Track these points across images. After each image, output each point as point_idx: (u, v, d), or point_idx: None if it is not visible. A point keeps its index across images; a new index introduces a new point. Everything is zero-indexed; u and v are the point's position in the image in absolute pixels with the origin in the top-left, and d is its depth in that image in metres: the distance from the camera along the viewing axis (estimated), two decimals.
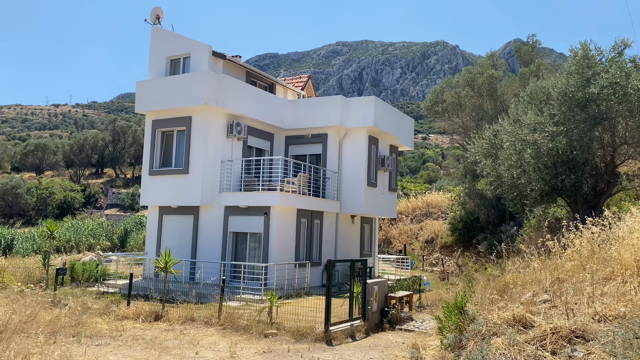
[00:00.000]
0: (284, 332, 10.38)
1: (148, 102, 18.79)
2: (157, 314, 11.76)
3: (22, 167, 72.33)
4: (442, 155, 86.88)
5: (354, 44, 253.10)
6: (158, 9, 19.84)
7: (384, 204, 21.82)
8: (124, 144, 68.10)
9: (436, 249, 29.51)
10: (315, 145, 20.70)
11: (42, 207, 52.89)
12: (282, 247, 17.28)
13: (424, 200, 35.27)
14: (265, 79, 21.32)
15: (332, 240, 20.18)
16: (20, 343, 5.24)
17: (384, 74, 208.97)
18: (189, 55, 18.86)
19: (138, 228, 33.02)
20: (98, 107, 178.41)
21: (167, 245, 17.47)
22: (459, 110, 25.76)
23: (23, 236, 31.01)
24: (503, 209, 23.68)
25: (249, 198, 17.50)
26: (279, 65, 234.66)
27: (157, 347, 9.21)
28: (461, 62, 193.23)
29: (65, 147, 70.01)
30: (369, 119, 19.75)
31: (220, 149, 18.26)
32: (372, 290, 11.68)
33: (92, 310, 12.28)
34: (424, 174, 69.97)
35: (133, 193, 55.61)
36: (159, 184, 18.70)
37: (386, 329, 11.64)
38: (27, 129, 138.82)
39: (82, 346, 8.95)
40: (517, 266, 9.74)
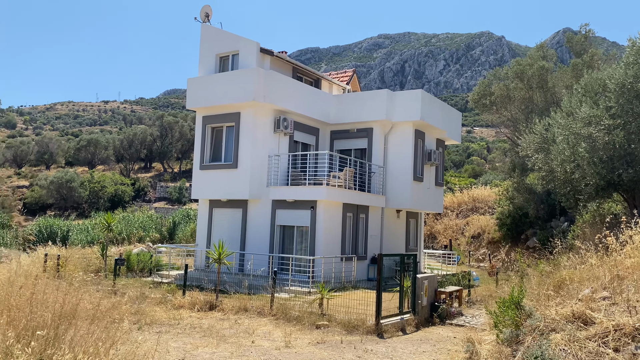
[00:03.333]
0: (335, 324, 10.56)
1: (198, 99, 19.29)
2: (211, 304, 12.16)
3: (76, 161, 75.41)
4: (487, 149, 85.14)
5: (396, 36, 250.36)
6: (207, 7, 20.30)
7: (430, 198, 21.67)
8: (171, 139, 69.95)
9: (483, 245, 29.07)
10: (360, 140, 20.75)
11: (95, 200, 55.08)
12: (329, 241, 17.46)
13: (470, 194, 34.75)
14: (311, 74, 21.50)
15: (378, 235, 20.22)
16: (107, 327, 5.60)
17: (427, 66, 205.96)
18: (237, 52, 19.23)
19: (185, 221, 33.92)
20: (145, 103, 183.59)
21: (216, 238, 17.96)
22: (508, 102, 25.22)
23: (77, 228, 32.43)
24: (553, 203, 23.12)
25: (296, 192, 17.75)
26: (320, 60, 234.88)
27: (214, 335, 9.57)
28: (507, 54, 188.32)
29: (115, 142, 72.55)
30: (415, 112, 19.63)
31: (268, 144, 18.57)
32: (422, 284, 11.71)
33: (149, 299, 12.81)
34: (468, 168, 68.83)
35: (180, 187, 57.17)
36: (209, 178, 19.21)
37: (436, 323, 11.65)
38: (79, 124, 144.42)
39: (144, 333, 9.39)
40: (573, 262, 9.55)
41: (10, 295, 5.97)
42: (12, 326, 4.72)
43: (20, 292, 5.94)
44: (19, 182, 67.05)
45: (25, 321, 4.88)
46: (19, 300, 5.23)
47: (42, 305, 5.29)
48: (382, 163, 20.22)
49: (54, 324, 4.93)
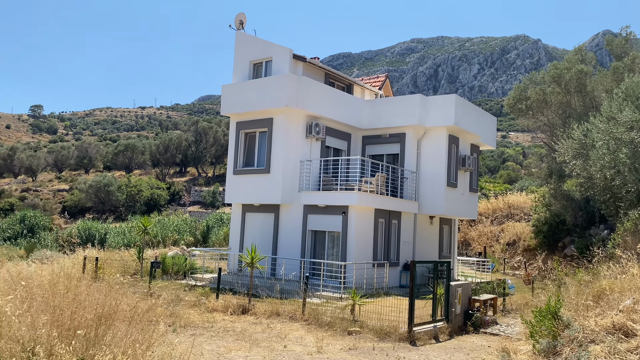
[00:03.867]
0: (367, 331, 10.52)
1: (232, 105, 19.58)
2: (244, 308, 12.29)
3: (113, 166, 77.46)
4: (523, 154, 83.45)
5: (429, 40, 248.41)
6: (242, 15, 20.61)
7: (464, 204, 21.37)
8: (206, 144, 71.08)
9: (518, 252, 28.44)
10: (392, 145, 20.65)
11: (131, 203, 56.39)
12: (360, 247, 17.41)
13: (505, 201, 34.07)
14: (343, 80, 21.54)
15: (410, 241, 20.05)
16: (144, 330, 5.75)
17: (461, 71, 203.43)
18: (270, 59, 19.44)
19: (219, 224, 34.35)
20: (181, 109, 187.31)
21: (249, 242, 18.15)
22: (544, 107, 24.67)
23: (114, 231, 33.27)
24: (592, 211, 22.46)
25: (327, 197, 17.78)
26: (352, 65, 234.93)
27: (247, 339, 9.66)
28: (544, 57, 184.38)
29: (152, 147, 74.20)
30: (449, 117, 19.43)
31: (300, 149, 18.68)
32: (456, 292, 11.55)
33: (183, 302, 13.03)
34: (503, 173, 67.57)
35: (214, 191, 57.98)
36: (242, 182, 19.44)
37: (470, 332, 11.47)
38: (116, 130, 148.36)
39: (179, 336, 9.56)
40: (613, 272, 9.27)
41: (54, 296, 6.19)
42: (55, 326, 4.90)
43: (63, 294, 6.15)
44: (60, 185, 69.28)
45: (68, 321, 5.06)
46: (62, 301, 5.42)
47: (83, 306, 5.47)
48: (415, 168, 20.06)
49: (94, 325, 5.10)
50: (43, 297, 6.07)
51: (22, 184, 70.02)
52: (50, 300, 6.01)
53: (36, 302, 5.88)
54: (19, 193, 63.87)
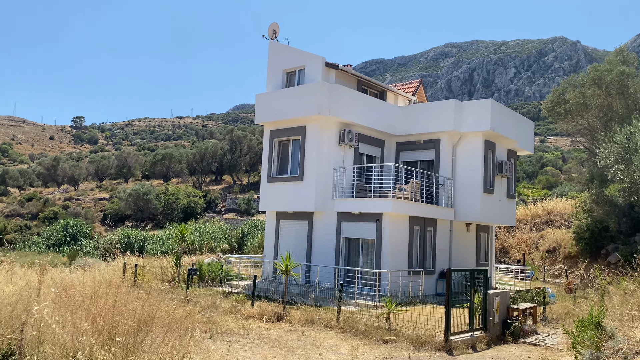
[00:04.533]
0: (402, 339, 10.40)
1: (266, 114, 19.79)
2: (279, 315, 12.34)
3: (152, 174, 79.30)
4: (562, 159, 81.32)
5: (463, 44, 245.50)
6: (275, 25, 20.85)
7: (501, 211, 20.94)
8: (240, 153, 72.01)
9: (558, 260, 27.64)
10: (427, 151, 20.45)
11: (169, 211, 57.53)
12: (395, 254, 17.26)
13: (544, 207, 33.20)
14: (376, 86, 21.50)
15: (446, 249, 19.76)
16: (175, 338, 5.85)
17: (497, 74, 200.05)
18: (303, 67, 19.57)
19: (254, 232, 34.67)
20: (216, 118, 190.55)
21: (283, 249, 18.22)
22: (584, 110, 24.00)
23: (153, 238, 33.98)
24: (637, 217, 21.69)
25: (361, 204, 17.72)
26: (385, 71, 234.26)
27: (282, 346, 9.70)
28: (583, 59, 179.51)
29: (188, 156, 75.66)
30: (485, 122, 19.11)
31: (333, 157, 18.70)
32: (494, 300, 11.31)
33: (220, 309, 13.19)
34: (542, 178, 65.96)
35: (248, 198, 58.60)
36: (276, 190, 19.58)
37: (509, 341, 11.19)
38: (154, 139, 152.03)
39: (215, 342, 9.68)
40: None
41: (95, 303, 6.37)
42: (95, 333, 5.04)
43: (104, 301, 6.32)
44: (100, 194, 71.36)
45: (107, 328, 5.20)
46: (102, 308, 5.57)
47: (122, 313, 5.61)
48: (450, 175, 19.79)
49: (133, 332, 5.22)
50: (84, 304, 6.26)
51: (65, 193, 72.45)
52: (91, 307, 6.19)
53: (78, 308, 6.06)
54: (62, 202, 66.11)
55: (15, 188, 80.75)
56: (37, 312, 4.68)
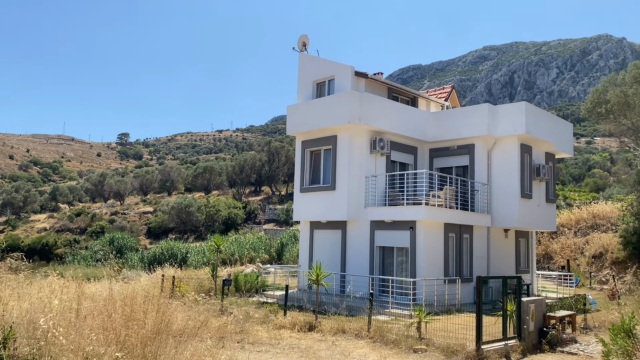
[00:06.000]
0: (433, 349, 10.26)
1: (297, 125, 20.01)
2: (310, 325, 12.39)
3: (193, 187, 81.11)
4: (610, 160, 78.45)
5: (502, 47, 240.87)
6: (305, 37, 21.11)
7: (540, 216, 20.37)
8: (278, 163, 72.77)
9: (605, 265, 26.57)
10: (461, 157, 20.16)
11: (210, 223, 58.63)
12: (430, 262, 17.04)
13: (589, 211, 32.04)
14: (407, 93, 21.40)
15: (484, 256, 19.36)
16: (195, 346, 6.01)
17: (538, 76, 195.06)
18: (333, 78, 19.72)
19: (292, 242, 34.88)
20: (255, 130, 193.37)
21: (317, 259, 18.28)
22: (627, 110, 23.13)
23: (195, 250, 34.70)
24: None
25: (394, 212, 17.62)
26: (423, 77, 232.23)
27: (310, 356, 9.74)
28: (630, 56, 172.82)
29: (228, 169, 77.05)
30: (520, 126, 18.71)
31: (365, 165, 18.69)
32: (528, 308, 11.01)
33: (253, 319, 13.35)
34: (589, 181, 63.84)
35: (287, 209, 59.05)
36: (309, 200, 19.72)
37: (545, 350, 10.86)
38: (196, 153, 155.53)
39: (246, 352, 9.83)
40: None
41: (132, 313, 6.57)
42: (118, 342, 5.23)
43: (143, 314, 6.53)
44: (145, 208, 73.45)
45: (132, 339, 5.38)
46: (121, 320, 5.77)
47: (142, 323, 5.79)
48: (486, 180, 19.43)
49: (147, 341, 5.39)
50: (122, 315, 6.51)
51: (111, 208, 74.97)
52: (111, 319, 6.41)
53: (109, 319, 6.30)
54: (109, 216, 68.43)
55: (65, 204, 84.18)
56: (44, 322, 4.93)
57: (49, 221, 71.31)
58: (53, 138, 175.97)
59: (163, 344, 5.49)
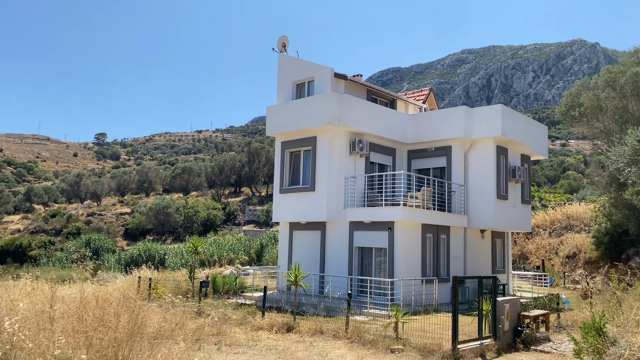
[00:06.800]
0: (410, 348, 10.35)
1: (277, 125, 19.99)
2: (288, 326, 12.39)
3: (172, 188, 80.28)
4: (584, 163, 79.97)
5: (480, 50, 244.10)
6: (284, 38, 21.11)
7: (516, 217, 20.70)
8: (258, 164, 72.48)
9: (579, 265, 27.12)
10: (438, 159, 20.38)
11: (189, 224, 58.09)
12: (408, 262, 17.18)
13: (563, 212, 32.67)
14: (386, 95, 21.54)
15: (461, 256, 19.59)
16: (170, 348, 5.96)
17: (515, 79, 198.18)
18: (312, 79, 19.76)
19: (272, 243, 34.79)
20: (235, 131, 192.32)
21: (297, 260, 18.30)
22: (599, 113, 23.66)
23: (173, 251, 34.33)
24: None
25: (373, 213, 17.72)
26: (402, 79, 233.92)
27: (288, 357, 9.74)
28: (603, 61, 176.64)
29: (207, 170, 76.44)
30: (496, 128, 19.00)
31: (344, 166, 18.77)
32: (503, 308, 11.18)
33: (231, 320, 13.28)
34: (564, 183, 64.95)
35: (267, 210, 58.84)
36: (289, 201, 19.71)
37: (519, 349, 11.04)
38: (175, 154, 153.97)
39: (222, 354, 9.77)
40: None
41: (103, 316, 6.49)
42: (87, 346, 5.15)
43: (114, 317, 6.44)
44: (122, 209, 72.46)
45: (98, 342, 5.30)
46: (93, 322, 5.68)
47: (112, 326, 5.71)
48: (463, 181, 19.68)
49: (118, 344, 5.32)
50: (94, 317, 6.41)
51: (87, 209, 73.77)
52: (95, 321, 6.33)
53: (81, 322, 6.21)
54: (85, 217, 67.31)
55: (40, 205, 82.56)
56: (9, 326, 4.83)
57: (23, 222, 69.85)
58: (28, 137, 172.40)
59: (136, 347, 5.43)
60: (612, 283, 12.88)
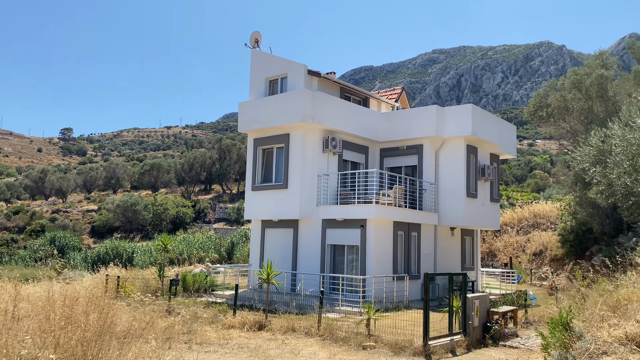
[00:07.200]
0: (381, 345, 10.41)
1: (249, 122, 19.82)
2: (260, 324, 12.31)
3: (140, 185, 78.88)
4: (550, 162, 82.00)
5: (450, 50, 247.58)
6: (257, 33, 20.93)
7: (485, 215, 21.06)
8: (230, 161, 71.87)
9: (545, 262, 27.81)
10: (410, 157, 20.56)
11: (158, 222, 57.21)
12: (380, 260, 17.29)
13: (530, 210, 33.47)
14: (359, 94, 21.61)
15: (431, 253, 19.82)
16: (140, 348, 5.83)
17: (484, 80, 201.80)
18: (285, 75, 19.66)
19: (243, 241, 34.57)
20: (205, 127, 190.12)
21: (269, 258, 18.18)
22: (566, 114, 24.25)
23: (141, 249, 33.76)
24: (619, 218, 21.86)
25: (345, 211, 17.77)
26: (374, 78, 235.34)
27: (260, 355, 9.67)
28: (569, 63, 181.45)
29: (177, 166, 75.38)
30: (466, 127, 19.27)
31: (317, 164, 18.74)
32: (473, 304, 11.35)
33: (201, 319, 13.13)
34: (531, 182, 66.45)
35: (238, 207, 58.43)
36: (261, 198, 19.58)
37: (489, 345, 11.23)
38: (143, 150, 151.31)
39: (193, 353, 9.64)
40: (633, 281, 9.01)
41: (71, 314, 6.31)
42: (55, 346, 4.99)
43: (82, 315, 6.26)
44: (89, 206, 70.85)
45: (67, 341, 5.15)
46: (60, 321, 5.52)
47: (93, 326, 5.56)
48: (434, 180, 19.90)
49: (97, 344, 5.18)
50: (62, 316, 6.22)
51: (52, 206, 71.85)
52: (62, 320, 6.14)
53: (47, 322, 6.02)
54: (50, 214, 65.56)
55: (2, 201, 79.97)
56: None
57: None
58: None
59: (105, 346, 5.29)
60: (577, 279, 13.23)
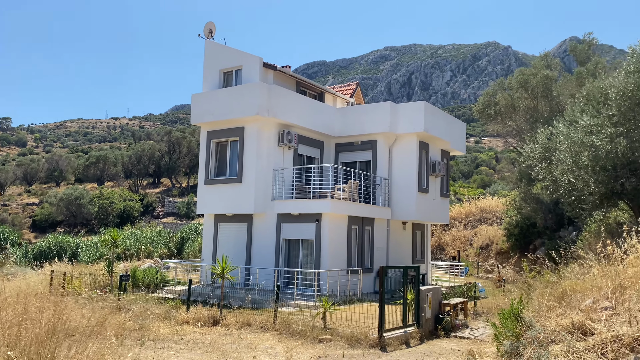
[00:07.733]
0: (338, 338, 10.51)
1: (203, 114, 19.46)
2: (215, 319, 12.16)
3: (85, 178, 76.06)
4: (496, 159, 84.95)
5: (402, 48, 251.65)
6: (211, 24, 20.55)
7: (435, 209, 21.60)
8: (179, 154, 70.41)
9: (491, 256, 28.84)
10: (365, 152, 20.79)
11: (104, 216, 55.39)
12: (334, 254, 17.43)
13: (477, 205, 34.57)
14: (315, 88, 21.63)
15: (384, 247, 20.15)
16: (96, 345, 5.64)
17: (434, 78, 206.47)
18: (240, 68, 19.42)
19: (194, 236, 34.00)
20: (154, 119, 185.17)
21: (222, 253, 17.97)
22: (513, 112, 25.19)
23: (87, 244, 32.57)
24: (561, 213, 22.96)
25: (300, 205, 17.78)
26: (327, 73, 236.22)
27: (216, 350, 9.56)
28: (514, 63, 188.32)
29: (124, 159, 73.14)
30: (419, 124, 19.66)
31: (272, 158, 18.65)
32: (426, 296, 11.64)
33: (154, 315, 12.83)
34: (477, 178, 68.66)
35: (188, 202, 57.37)
36: (214, 193, 19.29)
37: (441, 336, 11.56)
38: (88, 141, 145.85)
39: (147, 349, 9.41)
40: (576, 273, 9.47)
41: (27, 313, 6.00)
42: (5, 344, 4.76)
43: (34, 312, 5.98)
44: (29, 199, 67.69)
45: (28, 339, 4.92)
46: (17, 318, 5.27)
47: (41, 323, 5.33)
48: (387, 175, 20.21)
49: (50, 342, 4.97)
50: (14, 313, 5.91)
51: None
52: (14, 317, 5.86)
53: None
54: None
55: None
56: None
57: None
58: None
59: (60, 343, 5.08)
60: (525, 271, 13.80)
